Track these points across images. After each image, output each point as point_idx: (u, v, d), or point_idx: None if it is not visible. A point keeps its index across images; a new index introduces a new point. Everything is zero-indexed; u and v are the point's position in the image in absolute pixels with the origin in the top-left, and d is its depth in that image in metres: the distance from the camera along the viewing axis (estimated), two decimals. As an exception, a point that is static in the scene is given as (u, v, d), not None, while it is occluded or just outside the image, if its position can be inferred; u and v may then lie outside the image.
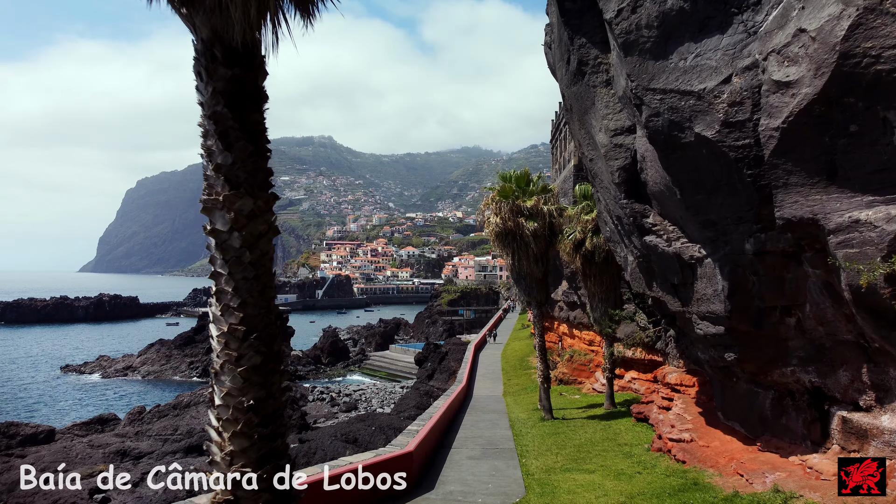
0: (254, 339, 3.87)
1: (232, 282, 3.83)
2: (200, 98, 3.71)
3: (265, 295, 3.99)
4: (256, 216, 3.91)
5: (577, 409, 21.32)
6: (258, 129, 3.87)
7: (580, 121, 13.40)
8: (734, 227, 9.19)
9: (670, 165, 9.69)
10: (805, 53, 7.71)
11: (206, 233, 3.86)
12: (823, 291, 8.49)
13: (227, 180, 3.76)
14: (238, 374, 3.80)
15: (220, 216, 3.82)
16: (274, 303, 4.09)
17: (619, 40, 9.76)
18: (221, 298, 3.89)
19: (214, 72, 3.66)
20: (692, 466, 11.14)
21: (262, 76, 3.91)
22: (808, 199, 8.02)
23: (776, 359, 9.61)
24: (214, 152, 3.72)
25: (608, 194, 12.79)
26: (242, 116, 3.70)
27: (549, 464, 12.85)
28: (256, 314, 3.90)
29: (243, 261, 3.83)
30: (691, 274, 10.53)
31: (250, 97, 3.77)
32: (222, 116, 3.63)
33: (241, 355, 3.84)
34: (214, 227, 3.86)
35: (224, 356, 3.84)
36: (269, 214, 4.05)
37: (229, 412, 3.87)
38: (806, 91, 7.64)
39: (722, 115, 8.61)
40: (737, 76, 8.59)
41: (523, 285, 20.22)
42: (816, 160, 7.79)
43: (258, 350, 3.90)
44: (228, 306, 3.83)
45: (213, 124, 3.67)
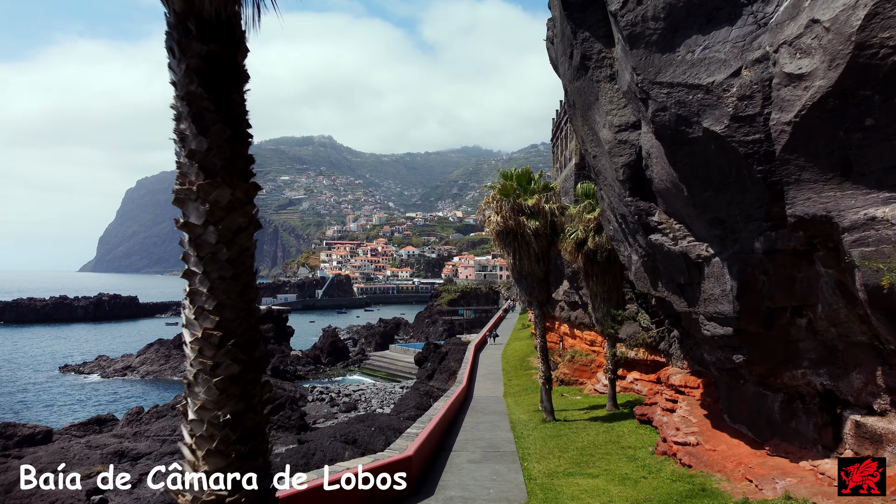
0: (231, 345, 3.48)
1: (207, 282, 3.45)
2: (173, 77, 3.36)
3: (245, 296, 3.57)
4: (235, 208, 3.50)
5: (579, 410, 21.05)
6: (237, 111, 3.49)
7: (583, 117, 13.12)
8: (743, 225, 8.91)
9: (677, 161, 9.41)
10: (818, 45, 7.43)
11: (178, 227, 3.48)
12: (836, 291, 8.22)
13: (202, 168, 3.38)
14: (214, 385, 3.42)
15: (194, 208, 3.44)
16: (255, 305, 3.67)
17: (625, 33, 9.48)
18: (195, 300, 3.49)
19: (188, 47, 3.31)
20: (699, 471, 10.87)
21: (241, 53, 3.54)
22: (821, 195, 7.74)
23: (786, 361, 9.33)
24: (188, 137, 3.35)
25: (612, 192, 12.51)
26: (219, 97, 3.34)
27: (551, 468, 12.57)
28: (235, 318, 3.50)
29: (220, 258, 3.44)
30: (698, 273, 10.25)
31: (228, 76, 3.41)
32: (196, 97, 3.28)
33: (218, 364, 3.46)
34: (188, 220, 3.48)
35: (198, 365, 3.47)
36: (249, 206, 3.62)
37: (203, 427, 3.50)
38: (819, 84, 7.37)
39: (731, 110, 8.33)
40: (746, 69, 8.31)
41: (524, 285, 19.93)
42: (830, 155, 7.52)
43: (236, 358, 3.51)
44: (203, 309, 3.46)
45: (186, 106, 3.31)
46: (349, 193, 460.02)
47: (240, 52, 3.51)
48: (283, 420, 35.63)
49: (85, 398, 50.62)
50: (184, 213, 3.50)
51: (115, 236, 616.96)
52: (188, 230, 3.48)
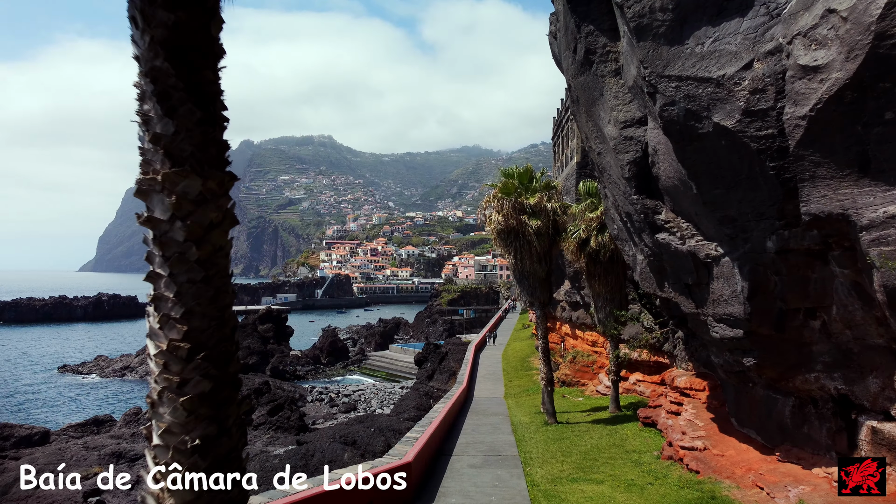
0: (202, 359, 3.04)
1: (174, 285, 3.02)
2: (136, 51, 2.93)
3: (218, 302, 3.14)
4: (206, 201, 3.07)
5: (581, 412, 20.74)
6: (210, 90, 3.07)
7: (587, 113, 12.80)
8: (755, 224, 8.59)
9: (686, 158, 9.10)
10: (835, 35, 7.13)
11: (140, 222, 3.06)
12: (852, 293, 7.91)
13: (168, 154, 2.95)
14: (180, 406, 2.98)
15: (159, 201, 3.02)
16: (231, 312, 3.24)
17: (632, 24, 9.16)
18: (160, 307, 3.05)
19: (152, 16, 2.92)
20: (707, 477, 10.55)
21: (216, 24, 3.13)
22: (837, 192, 7.43)
23: (799, 364, 9.02)
24: (152, 119, 2.94)
25: (617, 190, 12.19)
26: (189, 74, 2.94)
27: (554, 473, 12.25)
28: (206, 327, 3.08)
29: (188, 258, 3.02)
30: (707, 274, 9.94)
31: (200, 50, 3.00)
32: (162, 73, 2.89)
33: (185, 380, 3.01)
34: (151, 214, 3.05)
35: (163, 381, 3.02)
36: (223, 199, 3.19)
37: (168, 454, 3.05)
38: (836, 76, 7.06)
39: (743, 104, 8.02)
40: (759, 61, 7.99)
41: (526, 285, 19.61)
42: (847, 151, 7.21)
43: (207, 373, 3.05)
44: (169, 317, 3.02)
45: (150, 83, 2.90)
46: (349, 193, 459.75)
47: (213, 23, 3.11)
48: (283, 421, 35.39)
49: (83, 398, 50.32)
50: (147, 207, 3.09)
51: (115, 236, 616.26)
52: (152, 226, 3.07)
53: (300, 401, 43.54)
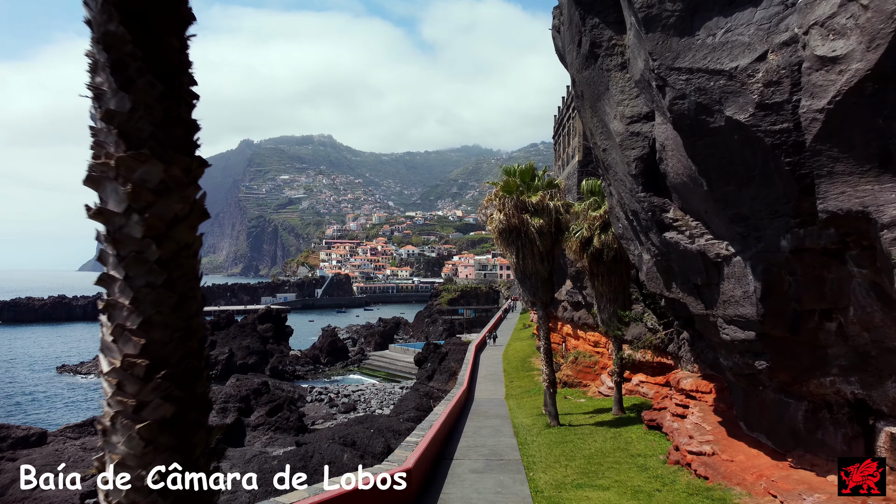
0: (163, 378, 2.57)
1: (130, 290, 2.55)
2: (88, 14, 2.48)
3: (183, 310, 2.66)
4: (169, 190, 2.60)
5: (584, 414, 20.42)
6: (175, 60, 2.61)
7: (592, 108, 12.46)
8: (768, 222, 8.27)
9: (697, 153, 8.76)
10: (855, 24, 6.81)
11: (89, 215, 2.57)
12: (870, 293, 7.59)
13: (124, 135, 2.49)
14: (137, 434, 2.52)
15: (113, 190, 2.54)
16: (199, 321, 2.75)
17: (640, 15, 8.83)
18: (114, 316, 2.57)
19: None
20: (716, 483, 10.22)
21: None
22: (856, 189, 7.11)
23: (814, 368, 8.69)
24: (105, 94, 2.48)
25: (623, 187, 11.86)
26: (150, 41, 2.49)
27: (558, 478, 11.91)
28: (168, 340, 2.62)
29: (148, 258, 2.56)
30: (717, 274, 9.61)
31: (163, 13, 2.54)
32: (117, 39, 2.43)
33: (143, 403, 2.53)
34: (104, 206, 2.57)
35: (116, 405, 2.52)
36: (191, 189, 2.71)
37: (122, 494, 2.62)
38: (856, 67, 6.75)
39: (756, 97, 7.70)
40: (773, 53, 7.67)
41: (528, 285, 19.28)
42: (868, 145, 6.89)
43: (169, 395, 2.58)
44: (124, 328, 2.55)
45: (103, 51, 2.43)
46: (349, 192, 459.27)
47: None
48: (282, 421, 35.11)
49: (81, 399, 49.98)
50: (100, 198, 2.61)
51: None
52: (104, 220, 2.58)
53: (299, 401, 43.25)
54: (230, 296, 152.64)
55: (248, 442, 33.46)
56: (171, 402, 2.64)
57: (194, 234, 2.75)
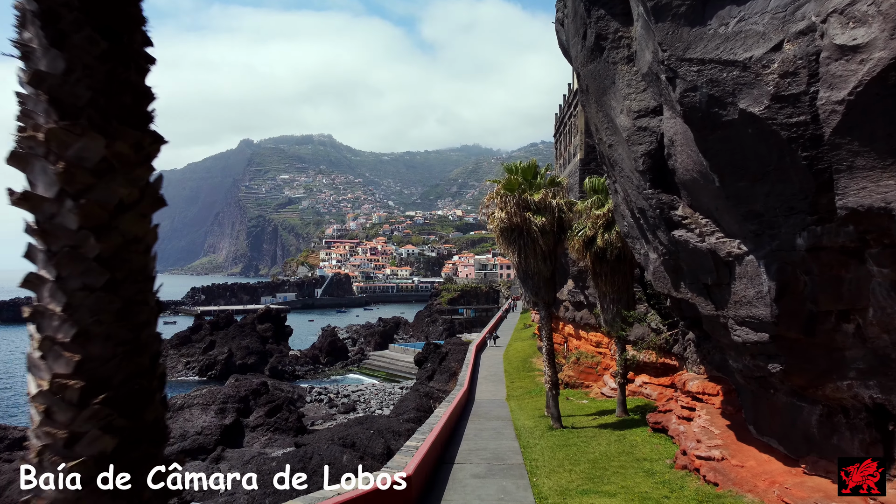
0: (102, 403, 2.06)
1: (62, 294, 2.06)
2: None
3: (130, 318, 2.15)
4: (114, 171, 2.08)
5: (587, 416, 20.08)
6: (124, 13, 2.08)
7: (597, 103, 12.13)
8: (784, 220, 7.93)
9: (708, 148, 8.43)
10: (877, 11, 6.47)
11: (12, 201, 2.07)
12: (891, 294, 7.25)
13: (55, 102, 1.98)
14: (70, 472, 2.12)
15: (42, 170, 2.03)
16: (152, 332, 2.29)
17: (649, 4, 8.49)
18: (43, 326, 2.10)
19: None
20: (727, 490, 9.89)
21: None
22: (878, 184, 6.77)
23: (830, 371, 8.35)
24: (34, 52, 1.98)
25: (629, 184, 11.52)
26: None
27: (562, 483, 11.58)
28: (110, 355, 2.09)
29: (85, 254, 2.05)
30: (728, 273, 9.27)
31: None
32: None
33: (77, 435, 2.04)
34: (32, 190, 2.08)
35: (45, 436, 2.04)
36: (141, 169, 2.20)
37: None
38: (879, 55, 6.41)
39: (772, 88, 7.36)
40: (789, 42, 7.33)
41: (530, 285, 18.94)
42: (890, 138, 6.55)
43: (110, 425, 2.07)
44: (53, 342, 2.02)
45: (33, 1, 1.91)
46: (349, 192, 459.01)
47: None
48: (281, 422, 34.85)
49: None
50: (28, 180, 2.09)
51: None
52: (31, 207, 2.09)
53: (299, 401, 42.96)
54: (230, 295, 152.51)
55: (246, 443, 33.19)
56: (112, 434, 2.14)
57: (147, 225, 2.26)
